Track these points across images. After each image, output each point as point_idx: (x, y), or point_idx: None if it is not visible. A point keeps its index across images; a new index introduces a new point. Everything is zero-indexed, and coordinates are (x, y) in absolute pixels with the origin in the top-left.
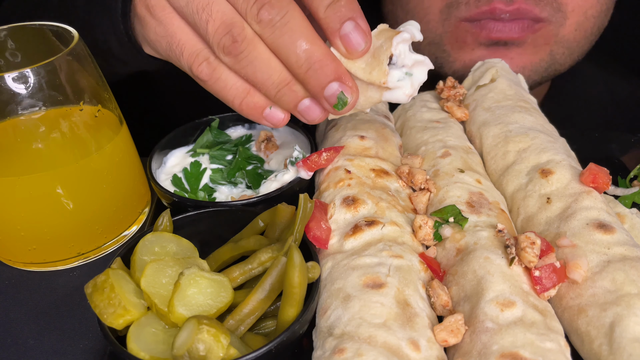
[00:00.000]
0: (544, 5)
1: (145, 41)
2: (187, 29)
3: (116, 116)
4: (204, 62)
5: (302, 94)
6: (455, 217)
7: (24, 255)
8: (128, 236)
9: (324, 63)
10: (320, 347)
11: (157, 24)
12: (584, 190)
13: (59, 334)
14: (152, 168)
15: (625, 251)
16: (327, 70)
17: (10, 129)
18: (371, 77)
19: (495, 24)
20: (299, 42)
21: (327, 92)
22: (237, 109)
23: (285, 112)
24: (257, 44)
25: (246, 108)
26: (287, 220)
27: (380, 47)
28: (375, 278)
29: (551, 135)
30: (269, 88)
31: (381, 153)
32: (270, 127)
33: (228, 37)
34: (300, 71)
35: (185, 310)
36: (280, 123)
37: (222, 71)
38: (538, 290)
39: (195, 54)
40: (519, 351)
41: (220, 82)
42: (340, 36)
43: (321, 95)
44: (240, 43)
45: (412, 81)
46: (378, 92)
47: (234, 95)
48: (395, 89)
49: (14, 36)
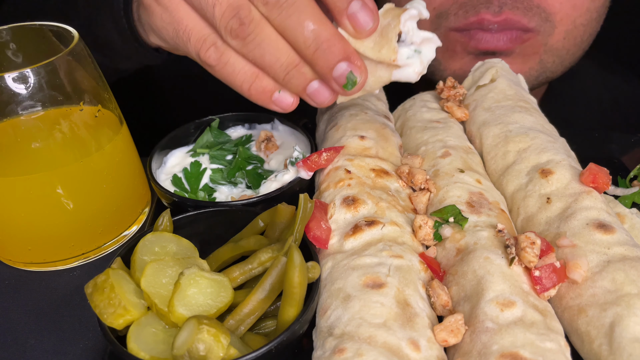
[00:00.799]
0: (532, 16)
1: (151, 30)
2: (194, 15)
3: (116, 116)
4: (212, 47)
5: (311, 76)
6: (455, 217)
7: (24, 255)
8: (128, 236)
9: (332, 43)
10: (320, 347)
11: (163, 11)
12: (584, 190)
13: (59, 334)
14: (152, 168)
15: (625, 251)
16: (335, 50)
17: (10, 129)
18: (380, 56)
19: (484, 34)
20: (306, 22)
21: (335, 73)
22: (246, 94)
23: (294, 95)
24: (264, 26)
25: (255, 92)
26: (287, 220)
27: (388, 25)
28: (375, 278)
29: (551, 135)
30: (277, 71)
31: (381, 153)
32: (279, 111)
33: (235, 20)
34: (308, 52)
35: (185, 310)
36: (289, 107)
37: (230, 55)
38: (538, 290)
39: (202, 39)
40: (519, 351)
41: (229, 67)
42: (348, 15)
43: (330, 76)
44: (248, 25)
45: (421, 58)
46: (387, 71)
47: (242, 80)
48: (405, 66)
49: (14, 36)
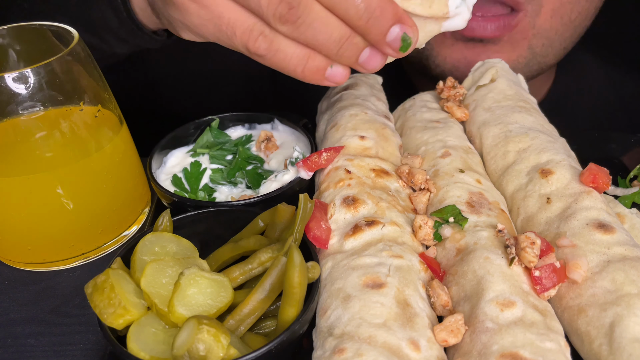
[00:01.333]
0: None
1: (185, 28)
2: (234, 7)
3: (116, 116)
4: (260, 37)
5: (363, 45)
6: (455, 217)
7: (24, 255)
8: (128, 236)
9: (383, 9)
10: (320, 347)
11: (200, 8)
12: (584, 190)
13: (59, 334)
14: (152, 168)
15: (625, 251)
16: (388, 15)
17: (10, 129)
18: (432, 11)
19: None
20: None
21: (389, 38)
22: (300, 76)
23: (345, 67)
24: (312, 5)
25: (309, 73)
26: (287, 220)
27: None
28: (375, 278)
29: (551, 135)
30: (330, 47)
31: (381, 153)
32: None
33: (283, 5)
34: (361, 22)
35: (185, 310)
36: (343, 80)
37: (280, 42)
38: (538, 290)
39: (248, 31)
40: (519, 351)
41: (280, 54)
42: None
43: (383, 41)
44: (297, 8)
45: (467, 5)
46: (437, 24)
47: (295, 64)
48: (455, 16)
49: (14, 36)
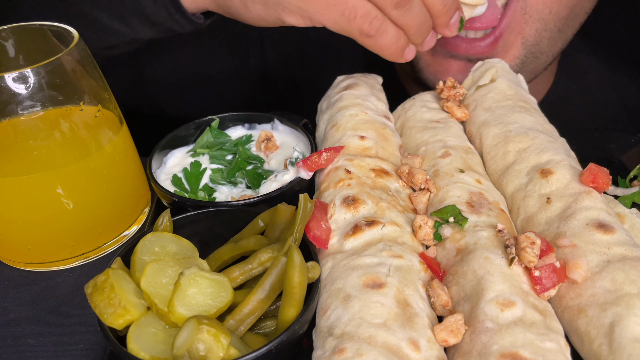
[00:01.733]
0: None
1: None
2: None
3: (116, 116)
4: (374, 20)
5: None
6: (455, 217)
7: (24, 255)
8: (128, 236)
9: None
10: (320, 347)
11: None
12: (584, 190)
13: (59, 334)
14: (152, 168)
15: (625, 251)
16: (454, 4)
17: (10, 129)
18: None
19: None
20: None
21: (452, 21)
22: (388, 54)
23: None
24: None
25: (396, 52)
26: (287, 220)
27: None
28: (375, 278)
29: (551, 135)
30: (415, 29)
31: (381, 153)
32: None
33: None
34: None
35: (185, 310)
36: (412, 56)
37: (388, 24)
38: (538, 290)
39: (367, 14)
40: (519, 351)
41: (386, 34)
42: None
43: (447, 24)
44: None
45: None
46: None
47: (390, 43)
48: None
49: (14, 36)
